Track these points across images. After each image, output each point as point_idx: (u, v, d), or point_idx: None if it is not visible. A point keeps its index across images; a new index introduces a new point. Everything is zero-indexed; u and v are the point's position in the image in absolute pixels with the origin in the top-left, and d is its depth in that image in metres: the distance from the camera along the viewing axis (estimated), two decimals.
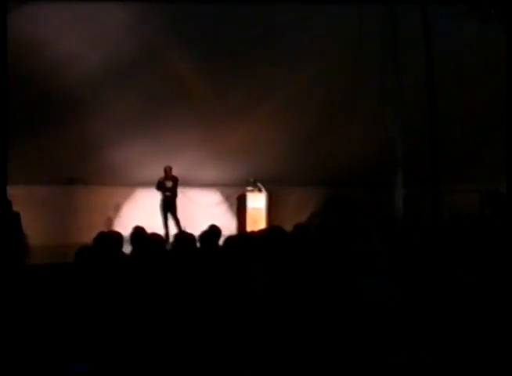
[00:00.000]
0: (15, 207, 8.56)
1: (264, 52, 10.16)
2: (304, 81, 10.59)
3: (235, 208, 12.04)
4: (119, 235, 4.67)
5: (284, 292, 3.96)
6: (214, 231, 4.88)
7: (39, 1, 9.10)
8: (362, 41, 10.37)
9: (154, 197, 11.41)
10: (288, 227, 5.02)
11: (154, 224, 11.54)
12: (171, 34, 9.97)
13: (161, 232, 9.94)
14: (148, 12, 9.72)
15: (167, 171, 11.12)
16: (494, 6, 8.27)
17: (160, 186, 11.16)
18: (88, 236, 4.84)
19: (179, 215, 11.20)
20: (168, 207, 11.15)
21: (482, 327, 3.61)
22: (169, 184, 11.15)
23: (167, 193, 11.14)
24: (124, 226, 8.01)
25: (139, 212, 11.40)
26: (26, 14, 8.89)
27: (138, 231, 4.93)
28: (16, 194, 8.45)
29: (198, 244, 4.66)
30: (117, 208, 11.63)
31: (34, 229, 9.56)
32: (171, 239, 5.33)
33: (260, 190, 11.58)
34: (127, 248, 4.78)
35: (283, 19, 9.88)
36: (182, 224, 10.95)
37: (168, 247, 4.68)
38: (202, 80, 10.60)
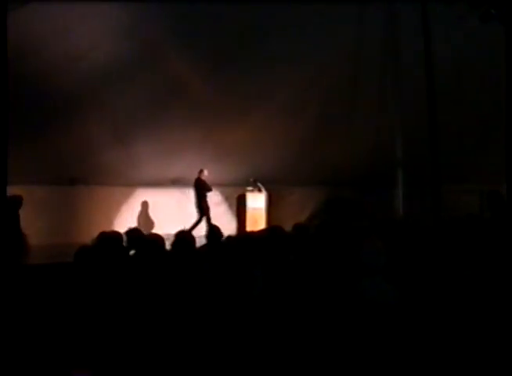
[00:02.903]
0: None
1: (263, 52, 10.15)
2: (303, 81, 10.59)
3: (235, 208, 12.06)
4: (119, 235, 4.67)
5: (284, 292, 3.96)
6: (214, 231, 4.89)
7: (39, 1, 9.07)
8: (362, 41, 10.36)
9: (154, 197, 11.41)
10: (288, 227, 5.02)
11: (153, 224, 11.62)
12: (171, 34, 9.95)
13: (163, 231, 9.95)
14: (148, 12, 9.70)
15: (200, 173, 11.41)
16: (494, 6, 8.27)
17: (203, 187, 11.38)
18: (88, 236, 4.83)
19: (179, 214, 11.23)
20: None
21: (483, 327, 3.61)
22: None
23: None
24: (124, 226, 8.01)
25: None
26: (26, 14, 8.86)
27: (134, 233, 4.92)
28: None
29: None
30: (117, 208, 11.63)
31: (34, 229, 9.55)
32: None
33: (260, 190, 11.60)
34: None
35: (283, 19, 9.86)
36: (182, 224, 10.95)
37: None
38: (202, 80, 10.59)
